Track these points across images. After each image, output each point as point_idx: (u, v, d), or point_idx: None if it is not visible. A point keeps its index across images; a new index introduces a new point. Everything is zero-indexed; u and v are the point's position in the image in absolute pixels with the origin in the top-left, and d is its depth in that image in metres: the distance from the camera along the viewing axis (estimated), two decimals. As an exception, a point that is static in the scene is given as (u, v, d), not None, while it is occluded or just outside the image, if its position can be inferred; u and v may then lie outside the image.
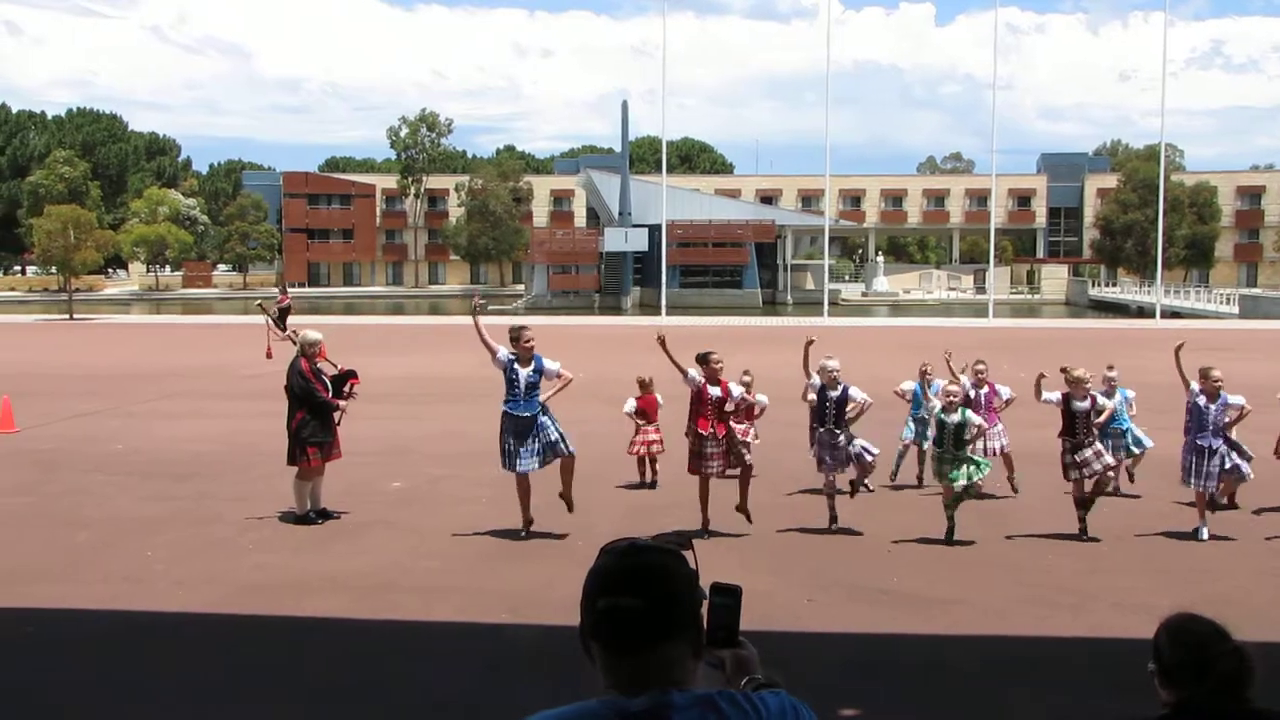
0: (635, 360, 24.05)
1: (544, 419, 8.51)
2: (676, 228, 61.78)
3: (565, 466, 8.64)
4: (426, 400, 17.58)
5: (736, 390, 8.76)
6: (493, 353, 8.50)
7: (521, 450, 8.43)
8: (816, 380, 8.88)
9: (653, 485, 10.55)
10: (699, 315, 45.11)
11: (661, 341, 8.56)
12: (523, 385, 8.45)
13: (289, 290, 30.98)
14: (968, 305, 61.46)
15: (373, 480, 10.83)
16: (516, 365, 8.49)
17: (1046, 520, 9.06)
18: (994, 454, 9.91)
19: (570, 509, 8.74)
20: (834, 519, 8.69)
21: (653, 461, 10.58)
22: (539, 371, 8.52)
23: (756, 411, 9.97)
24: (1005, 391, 10.16)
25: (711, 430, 8.56)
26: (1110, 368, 10.16)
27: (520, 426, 8.45)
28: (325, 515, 9.14)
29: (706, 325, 38.09)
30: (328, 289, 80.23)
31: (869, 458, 8.64)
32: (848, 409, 8.72)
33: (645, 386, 10.60)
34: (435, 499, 10.09)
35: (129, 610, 6.62)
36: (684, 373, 8.61)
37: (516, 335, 8.53)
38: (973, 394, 9.96)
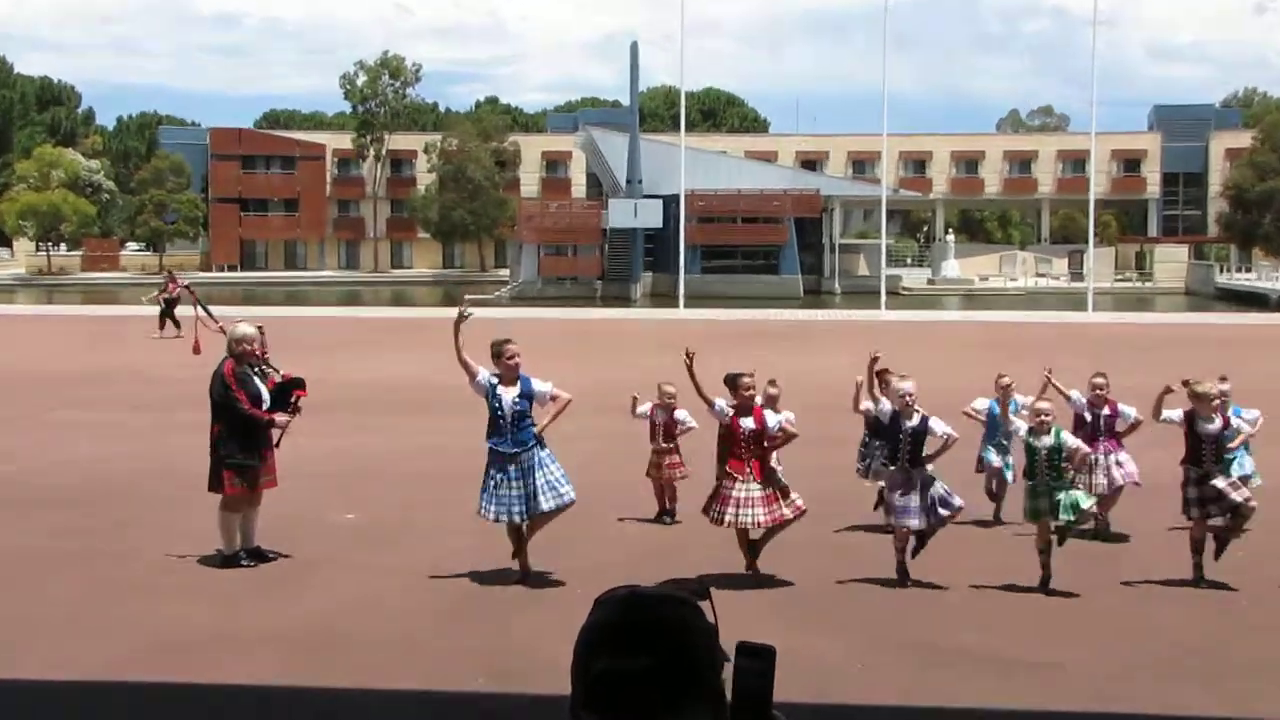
0: (646, 364, 24.20)
1: (541, 454, 8.50)
2: (698, 199, 61.93)
3: (538, 522, 8.65)
4: (390, 410, 17.59)
5: (774, 420, 8.75)
6: (471, 375, 8.57)
7: (511, 495, 8.44)
8: (886, 406, 8.87)
9: (669, 517, 10.55)
10: (726, 307, 45.12)
11: (689, 363, 8.65)
12: (508, 414, 8.48)
13: (180, 278, 30.79)
14: (1060, 295, 61.40)
15: (322, 510, 10.85)
16: (499, 389, 8.52)
17: (1168, 564, 8.97)
18: (1112, 488, 9.82)
19: (524, 571, 8.66)
20: (905, 577, 8.61)
21: (672, 489, 10.57)
22: (527, 396, 8.56)
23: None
24: (1130, 413, 9.91)
25: (749, 472, 8.53)
26: (1223, 379, 9.82)
27: (510, 465, 8.46)
28: (259, 556, 9.13)
29: (734, 320, 38.13)
30: (265, 273, 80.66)
31: (946, 511, 8.55)
32: (925, 444, 8.68)
33: (669, 399, 10.55)
34: (400, 534, 10.12)
35: (2, 679, 6.56)
36: (710, 404, 8.67)
37: (499, 350, 8.60)
38: (1088, 416, 9.87)
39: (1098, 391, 10.01)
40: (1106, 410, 9.98)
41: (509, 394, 8.49)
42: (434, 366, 23.82)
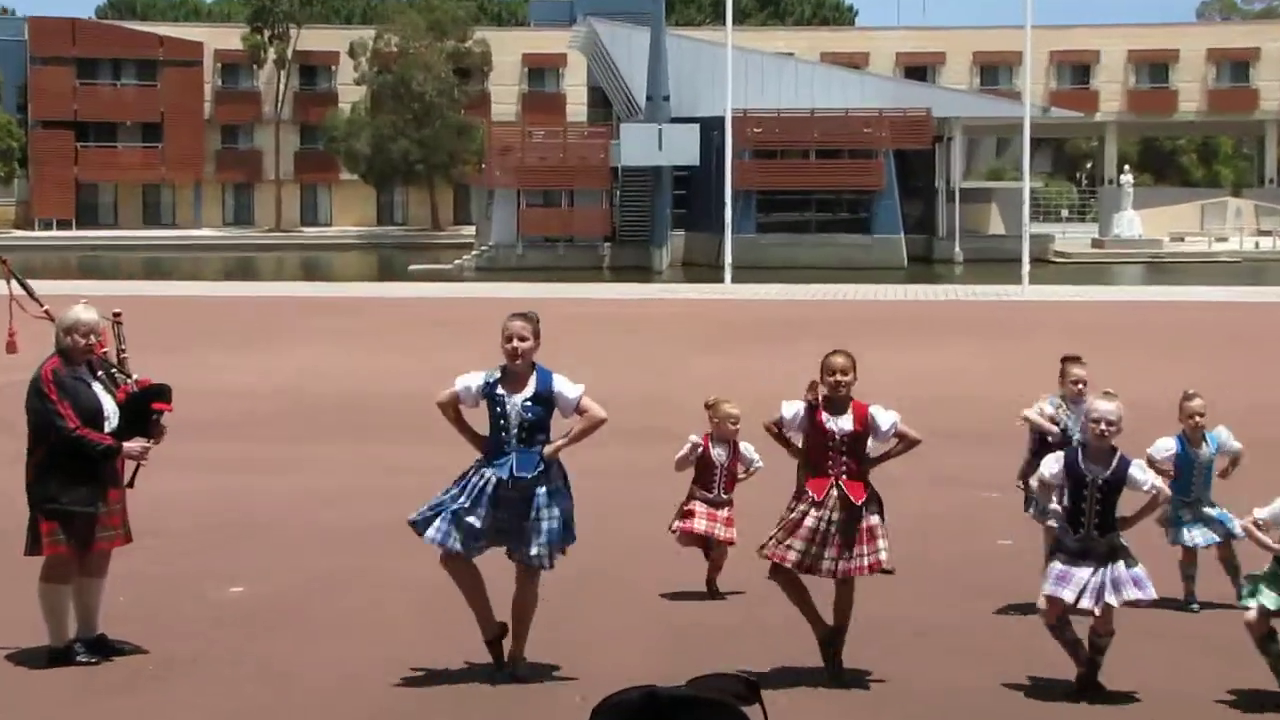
0: (681, 371, 24.22)
1: (543, 492, 8.58)
2: (752, 123, 61.97)
3: (524, 585, 8.68)
4: (298, 433, 17.68)
5: (887, 420, 8.79)
6: (457, 401, 8.77)
7: (477, 520, 8.48)
8: (1073, 430, 9.01)
9: (711, 592, 10.63)
10: (792, 282, 45.16)
11: (775, 432, 9.01)
12: (514, 424, 8.56)
13: None
14: (1291, 265, 61.25)
15: (197, 580, 10.86)
16: (500, 388, 8.57)
17: None
18: None
19: (514, 668, 8.74)
20: (1090, 680, 8.57)
21: (722, 553, 10.64)
22: (545, 399, 8.62)
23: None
24: None
25: (835, 495, 8.58)
26: None
27: (500, 494, 8.53)
28: (102, 649, 9.12)
29: (805, 303, 38.09)
30: (114, 232, 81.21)
31: (1127, 595, 8.50)
32: (1116, 499, 8.65)
33: (732, 424, 10.53)
34: (308, 615, 10.09)
35: None
36: (778, 425, 8.95)
37: (507, 332, 8.67)
38: None
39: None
40: None
41: (517, 397, 8.56)
42: (364, 369, 24.17)
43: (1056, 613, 8.61)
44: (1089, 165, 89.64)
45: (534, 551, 8.56)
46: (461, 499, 8.57)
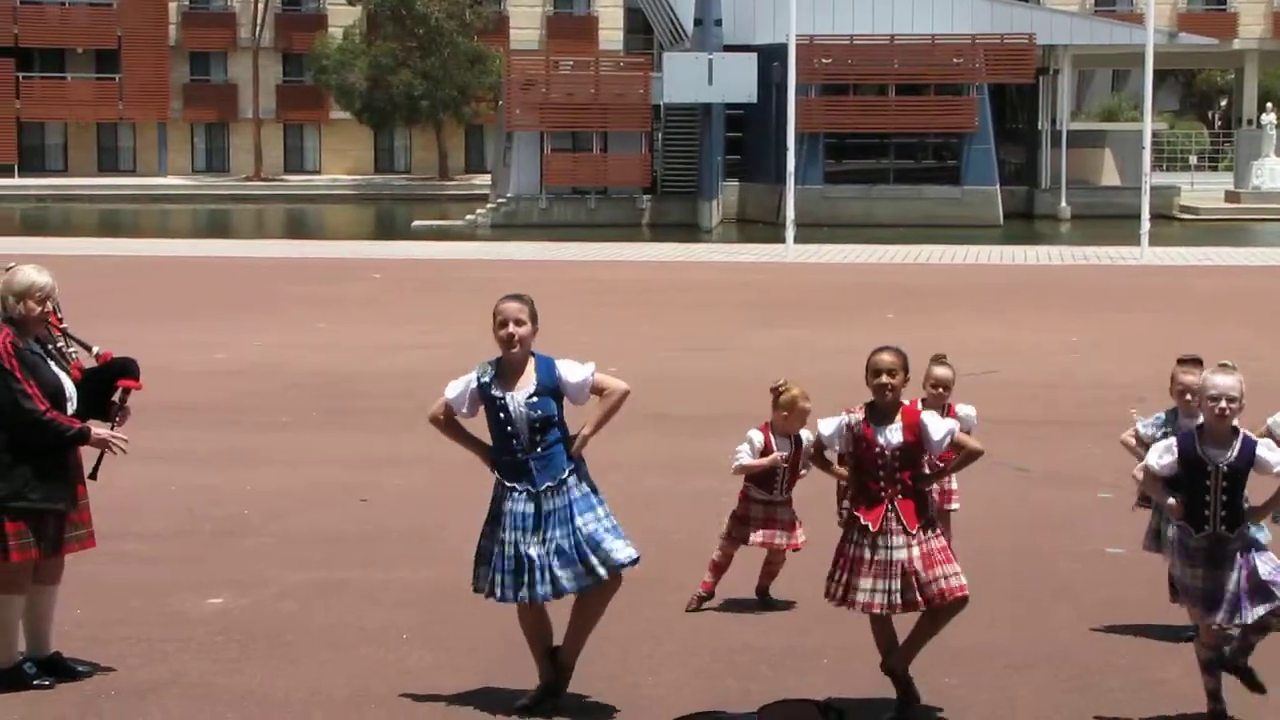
0: (737, 350, 24.09)
1: (576, 492, 8.62)
2: (819, 52, 61.68)
3: (596, 600, 8.72)
4: (288, 420, 17.80)
5: (940, 429, 8.76)
6: (450, 413, 8.80)
7: (532, 555, 8.51)
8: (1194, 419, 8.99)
9: (764, 599, 10.75)
10: (866, 241, 44.96)
11: (815, 454, 9.31)
12: (521, 425, 8.57)
13: None
14: None
15: (167, 591, 10.96)
16: (494, 387, 8.61)
17: None
18: None
19: (561, 682, 8.82)
20: (1220, 712, 8.61)
21: (780, 559, 10.77)
22: (551, 390, 8.61)
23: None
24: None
25: (891, 519, 8.64)
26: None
27: (528, 506, 8.57)
28: (57, 669, 9.22)
29: (881, 265, 37.96)
30: (63, 179, 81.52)
31: (1271, 604, 8.49)
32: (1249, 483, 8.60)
33: (788, 406, 10.54)
34: (297, 632, 10.19)
35: None
36: (817, 445, 9.12)
37: (500, 316, 8.61)
38: None
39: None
40: None
41: (517, 394, 8.58)
42: (359, 344, 24.09)
43: (1215, 641, 8.55)
44: (1224, 103, 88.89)
45: (616, 554, 8.54)
46: (498, 537, 8.59)
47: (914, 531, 8.62)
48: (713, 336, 24.19)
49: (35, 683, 9.04)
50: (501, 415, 8.55)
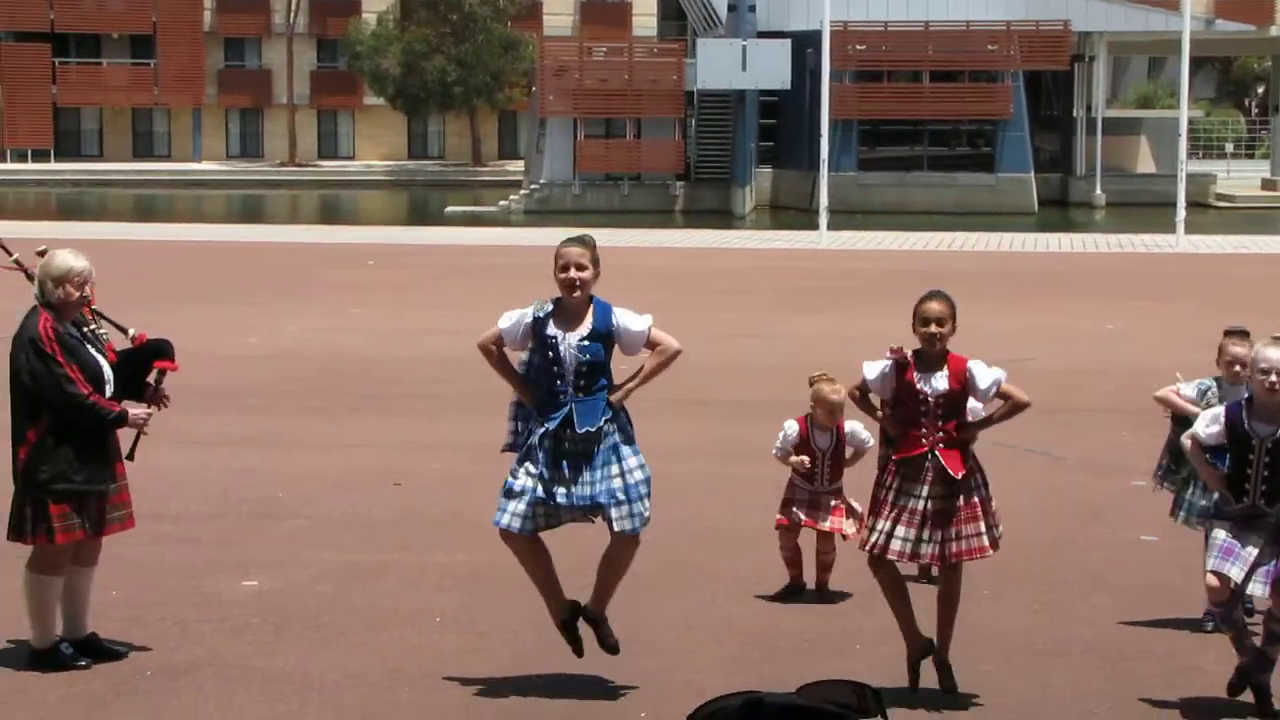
0: (768, 332, 24.07)
1: (616, 439, 8.64)
2: (854, 38, 61.50)
3: (617, 553, 8.74)
4: (322, 404, 17.84)
5: (988, 377, 8.73)
6: (500, 342, 8.80)
7: (555, 491, 8.57)
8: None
9: (823, 594, 10.67)
10: (900, 229, 44.89)
11: (858, 397, 9.21)
12: (569, 367, 8.57)
13: None
14: None
15: (202, 573, 11.01)
16: (552, 326, 8.61)
17: None
18: None
19: (610, 646, 8.85)
20: (1258, 682, 8.60)
21: (824, 555, 10.71)
22: (604, 336, 8.62)
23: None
24: None
25: (929, 467, 8.61)
26: None
27: (565, 450, 8.58)
28: (94, 650, 9.28)
29: (915, 252, 37.89)
30: (98, 164, 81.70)
31: None
32: None
33: (815, 399, 10.50)
34: (333, 614, 10.24)
35: None
36: (861, 390, 9.08)
37: (562, 260, 8.67)
38: None
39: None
40: None
41: (570, 335, 8.58)
42: (392, 329, 24.14)
43: (1224, 593, 8.52)
44: (1261, 90, 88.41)
45: (618, 518, 8.58)
46: (522, 480, 8.61)
47: (954, 481, 8.61)
48: (745, 323, 24.19)
49: (72, 663, 9.11)
50: (551, 354, 8.57)
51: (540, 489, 8.57)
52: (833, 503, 10.52)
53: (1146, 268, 34.22)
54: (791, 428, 10.58)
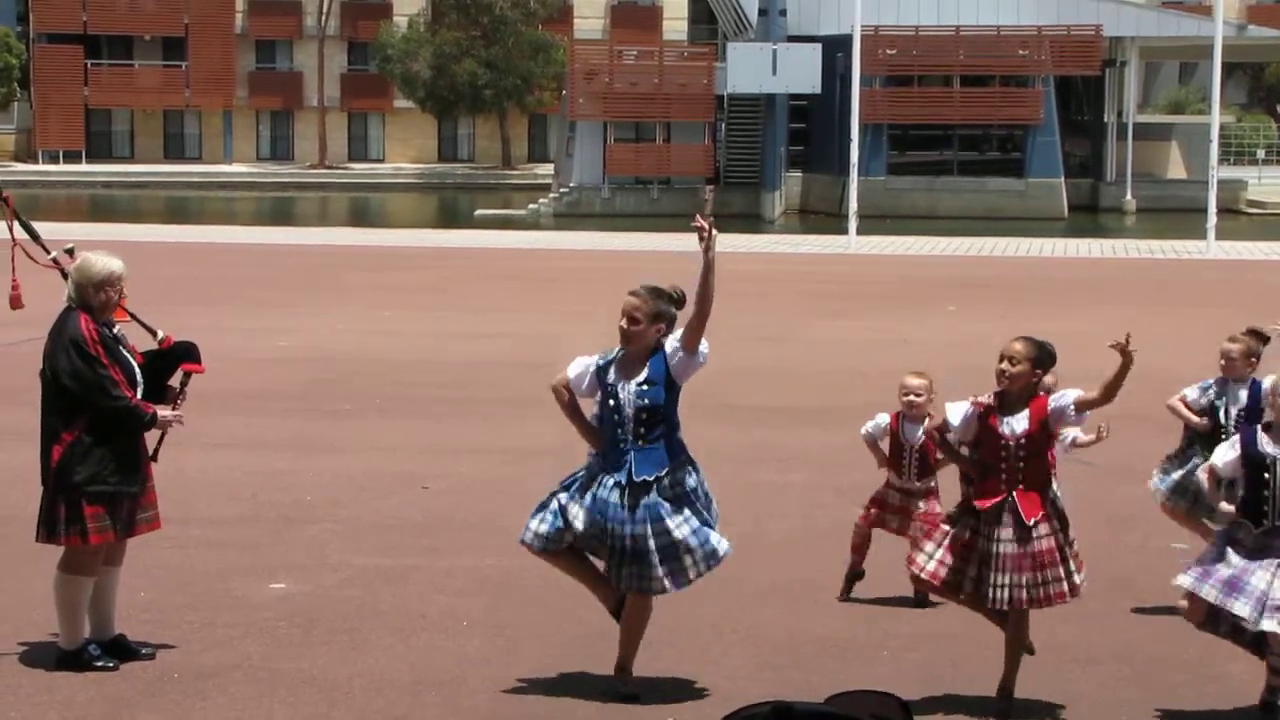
0: (800, 336, 24.05)
1: (664, 500, 8.66)
2: (885, 43, 61.49)
3: (627, 609, 8.79)
4: (351, 407, 17.86)
5: (1064, 401, 8.82)
6: (568, 387, 8.87)
7: (569, 514, 8.63)
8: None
9: (918, 599, 10.53)
10: (930, 234, 44.79)
11: (940, 439, 9.26)
12: (628, 414, 8.64)
13: None
14: None
15: (230, 576, 11.05)
16: (610, 374, 8.73)
17: None
18: None
19: (621, 695, 8.83)
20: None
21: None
22: (661, 379, 8.67)
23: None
24: None
25: (1007, 510, 8.61)
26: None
27: (615, 500, 8.64)
28: (121, 651, 9.30)
29: (945, 257, 37.84)
30: (129, 166, 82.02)
31: None
32: None
33: (918, 394, 10.49)
34: (359, 617, 10.27)
35: None
36: (943, 428, 9.02)
37: (623, 308, 8.77)
38: None
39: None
40: None
41: (629, 383, 8.65)
42: (422, 332, 24.16)
43: (1198, 614, 8.61)
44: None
45: (626, 575, 8.62)
46: (559, 494, 8.74)
47: (1030, 524, 8.57)
48: (775, 327, 24.12)
49: (99, 664, 9.14)
50: (611, 402, 8.67)
51: (568, 517, 8.68)
52: (923, 506, 10.43)
53: (1177, 274, 34.11)
54: (882, 419, 10.63)
